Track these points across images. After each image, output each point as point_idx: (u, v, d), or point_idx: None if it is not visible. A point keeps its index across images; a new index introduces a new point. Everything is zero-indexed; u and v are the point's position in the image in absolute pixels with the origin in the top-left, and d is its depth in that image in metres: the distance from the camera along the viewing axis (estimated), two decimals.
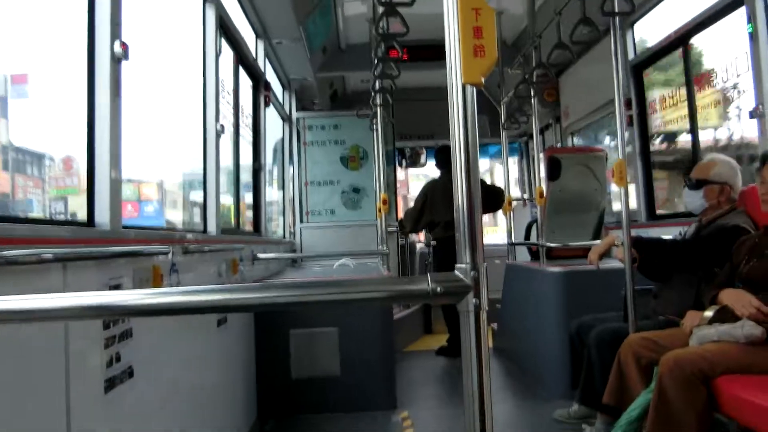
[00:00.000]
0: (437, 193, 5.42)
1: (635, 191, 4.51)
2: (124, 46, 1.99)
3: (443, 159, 5.60)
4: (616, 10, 2.85)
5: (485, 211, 5.83)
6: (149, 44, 2.59)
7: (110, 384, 1.74)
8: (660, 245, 2.99)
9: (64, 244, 1.61)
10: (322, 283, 1.14)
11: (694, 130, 4.04)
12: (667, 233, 3.33)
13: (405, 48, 3.63)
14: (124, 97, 2.04)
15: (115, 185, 1.97)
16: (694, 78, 4.01)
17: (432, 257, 5.83)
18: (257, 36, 4.68)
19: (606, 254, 3.01)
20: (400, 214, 6.68)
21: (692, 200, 2.96)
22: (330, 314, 3.59)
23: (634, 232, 2.87)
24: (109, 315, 1.46)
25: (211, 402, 2.81)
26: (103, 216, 1.93)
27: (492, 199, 5.51)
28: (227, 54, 3.87)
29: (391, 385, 3.74)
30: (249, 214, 4.78)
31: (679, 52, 4.14)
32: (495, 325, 5.29)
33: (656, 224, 4.32)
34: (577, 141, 6.14)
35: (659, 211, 4.56)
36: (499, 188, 5.64)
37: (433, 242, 5.56)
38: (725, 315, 2.28)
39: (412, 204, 5.94)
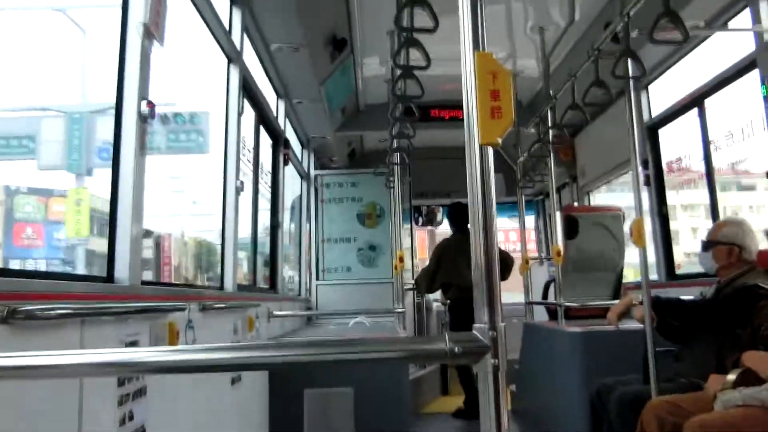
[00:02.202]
0: (450, 253, 5.36)
1: (653, 251, 4.46)
2: (150, 105, 2.05)
3: (455, 217, 5.56)
4: (630, 74, 2.89)
5: None
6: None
7: None
8: (679, 306, 2.94)
9: (82, 299, 1.62)
10: (338, 342, 1.13)
11: (712, 192, 4.03)
12: (686, 294, 3.27)
13: (422, 108, 3.70)
14: None
15: (136, 241, 2.00)
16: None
17: (448, 317, 5.75)
18: (278, 96, 4.81)
19: (626, 314, 2.96)
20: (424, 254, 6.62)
21: (703, 261, 2.97)
22: (345, 374, 3.53)
23: (653, 293, 2.83)
24: (125, 372, 1.46)
25: None
26: (122, 272, 1.95)
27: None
28: (249, 113, 3.96)
29: None
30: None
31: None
32: (513, 386, 5.16)
33: (675, 284, 4.26)
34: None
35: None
36: (508, 255, 5.54)
37: (447, 301, 5.49)
38: (749, 378, 2.22)
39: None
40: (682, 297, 3.16)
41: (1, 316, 1.27)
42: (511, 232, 9.99)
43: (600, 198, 6.17)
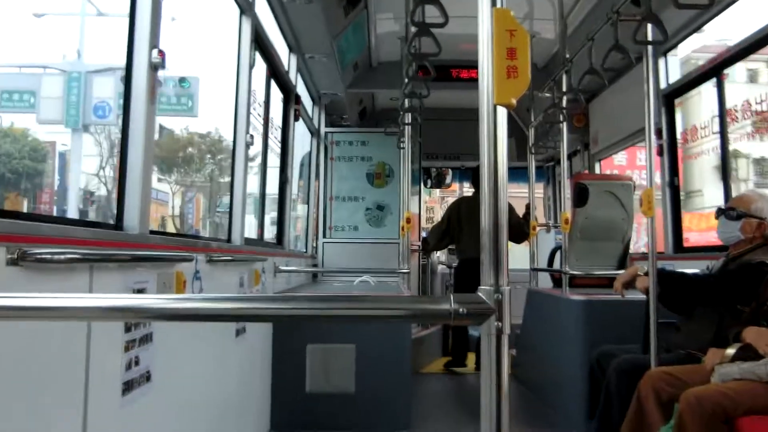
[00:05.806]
0: (463, 212, 5.39)
1: (662, 222, 4.44)
2: (161, 54, 2.03)
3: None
4: (649, 39, 2.83)
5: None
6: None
7: (128, 387, 1.76)
8: (683, 278, 2.94)
9: (92, 245, 1.63)
10: (344, 298, 1.14)
11: (725, 161, 3.99)
12: (694, 267, 3.27)
13: (436, 67, 3.62)
14: None
15: (146, 190, 2.00)
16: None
17: (453, 278, 5.79)
18: (290, 50, 4.74)
19: (631, 284, 2.97)
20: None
21: (728, 231, 2.90)
22: (348, 331, 3.57)
23: (659, 264, 2.82)
24: (133, 318, 1.48)
25: (225, 411, 2.81)
26: (132, 220, 1.95)
27: (514, 231, 5.30)
28: (260, 66, 3.91)
29: (406, 405, 3.71)
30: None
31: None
32: (514, 351, 5.22)
33: (683, 257, 4.25)
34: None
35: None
36: (523, 222, 5.51)
37: (454, 264, 5.52)
38: (748, 353, 2.23)
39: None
40: (688, 270, 3.16)
41: (13, 258, 1.28)
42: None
43: None
